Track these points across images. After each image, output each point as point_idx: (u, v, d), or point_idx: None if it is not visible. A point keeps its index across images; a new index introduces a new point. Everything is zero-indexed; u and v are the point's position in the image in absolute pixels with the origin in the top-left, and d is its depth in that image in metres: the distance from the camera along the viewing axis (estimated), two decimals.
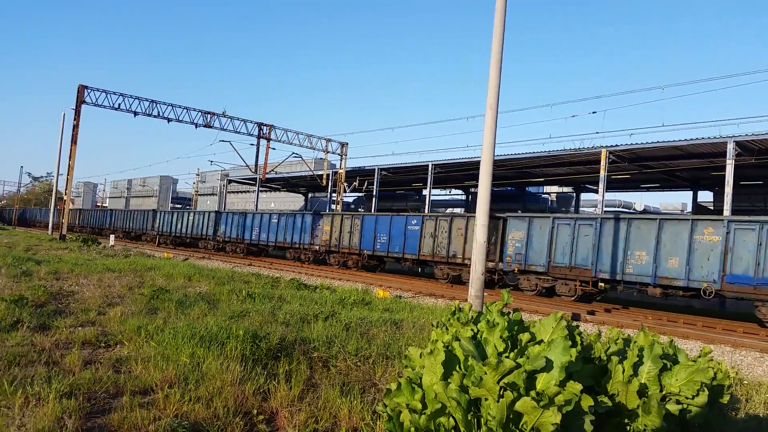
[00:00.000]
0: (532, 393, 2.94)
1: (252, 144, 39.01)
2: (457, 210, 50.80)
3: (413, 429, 3.23)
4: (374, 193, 41.07)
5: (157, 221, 46.95)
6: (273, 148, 40.37)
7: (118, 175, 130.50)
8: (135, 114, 33.99)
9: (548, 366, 3.07)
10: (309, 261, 31.83)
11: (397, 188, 52.09)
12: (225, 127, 37.32)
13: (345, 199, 51.37)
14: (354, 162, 45.44)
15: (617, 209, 54.40)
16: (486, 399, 3.05)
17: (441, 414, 3.20)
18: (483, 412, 3.08)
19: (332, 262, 29.93)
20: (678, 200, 63.13)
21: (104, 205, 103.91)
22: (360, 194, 53.36)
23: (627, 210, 57.01)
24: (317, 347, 7.52)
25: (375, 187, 40.78)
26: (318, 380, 6.26)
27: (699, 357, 3.45)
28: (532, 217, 20.89)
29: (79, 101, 32.49)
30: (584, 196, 47.34)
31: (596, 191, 34.12)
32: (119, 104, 33.65)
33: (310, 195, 61.42)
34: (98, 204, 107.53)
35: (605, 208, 33.53)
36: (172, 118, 35.40)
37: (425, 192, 38.87)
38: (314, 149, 42.51)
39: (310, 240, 31.29)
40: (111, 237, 39.56)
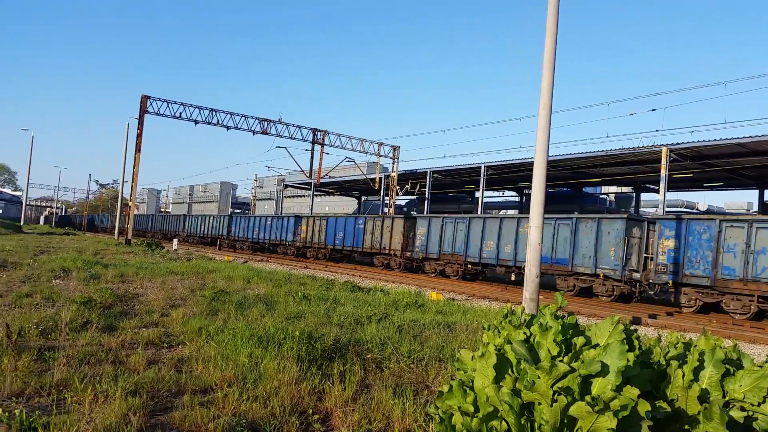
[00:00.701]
0: (587, 398, 2.88)
1: (307, 149, 39.80)
2: (511, 212, 50.08)
3: (465, 431, 3.22)
4: (426, 196, 41.03)
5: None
6: (327, 153, 41.08)
7: (181, 182, 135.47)
8: (196, 123, 35.24)
9: (604, 370, 3.00)
10: (292, 254, 39.46)
11: (449, 190, 51.84)
12: (281, 134, 38.23)
13: (398, 202, 51.55)
14: (406, 165, 45.45)
15: (679, 210, 52.33)
16: (539, 403, 3.02)
17: (493, 417, 3.18)
18: (536, 417, 3.05)
19: (309, 256, 37.34)
20: (743, 199, 60.13)
21: (168, 211, 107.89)
22: (412, 197, 53.38)
23: (690, 210, 54.76)
24: (371, 349, 7.58)
25: (427, 190, 40.75)
26: (371, 381, 6.31)
27: (765, 362, 3.30)
28: (431, 218, 27.86)
29: (142, 111, 33.92)
30: (645, 196, 45.77)
31: (657, 191, 33.01)
32: (180, 113, 34.96)
33: (363, 198, 61.92)
34: (162, 210, 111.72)
35: (667, 209, 32.33)
36: (231, 126, 36.51)
37: (478, 194, 38.53)
38: (367, 153, 42.92)
39: (293, 238, 39.66)
40: (174, 241, 41.15)
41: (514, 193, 50.15)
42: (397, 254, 30.06)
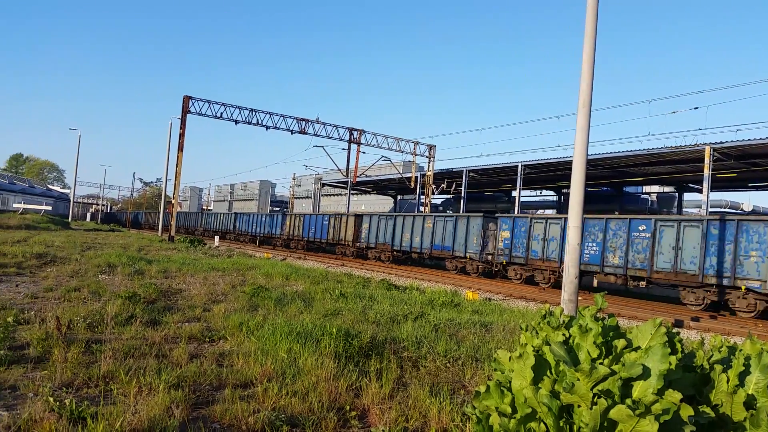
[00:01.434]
0: (628, 401, 2.85)
1: (343, 148, 40.05)
2: (549, 211, 49.35)
3: None
4: (462, 195, 40.80)
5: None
6: (363, 152, 41.26)
7: (222, 180, 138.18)
8: (236, 122, 35.88)
9: (645, 373, 2.96)
10: (279, 245, 44.95)
11: (486, 189, 51.40)
12: (318, 133, 38.59)
13: (433, 201, 51.39)
14: (442, 164, 45.50)
15: (723, 210, 50.64)
16: (578, 406, 3.00)
17: (531, 419, 3.17)
18: (575, 419, 3.02)
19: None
20: None
21: (209, 209, 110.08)
22: (448, 196, 53.13)
23: (734, 211, 52.93)
24: (407, 347, 7.61)
25: (463, 189, 40.50)
26: (408, 379, 6.33)
27: None
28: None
29: (185, 111, 34.72)
30: (688, 196, 44.40)
31: (700, 191, 32.09)
32: (221, 113, 35.65)
33: (399, 197, 61.93)
34: (204, 207, 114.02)
35: (711, 209, 31.38)
36: (270, 126, 37.03)
37: (515, 193, 38.12)
38: (402, 152, 42.94)
39: (280, 231, 45.52)
40: (216, 238, 41.96)
41: (552, 193, 49.40)
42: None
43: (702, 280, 17.58)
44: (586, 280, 20.98)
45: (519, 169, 34.63)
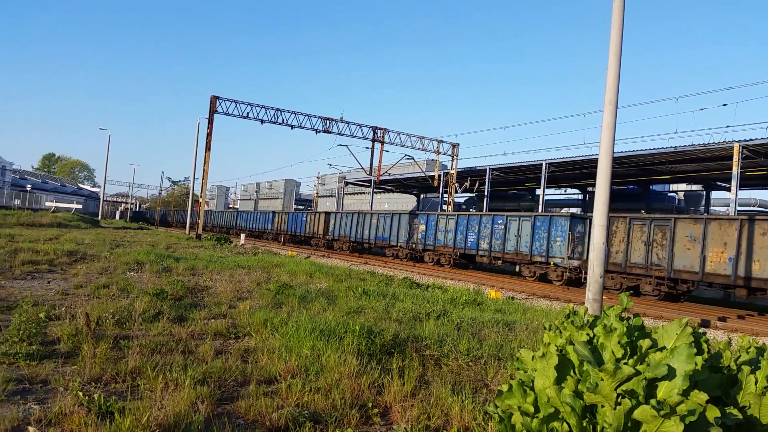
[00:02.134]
0: (652, 401, 2.82)
1: (367, 147, 40.13)
2: (573, 210, 48.78)
3: (525, 431, 3.21)
4: (485, 193, 40.56)
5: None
6: (386, 151, 41.39)
7: (248, 179, 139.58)
8: (262, 122, 36.22)
9: (670, 374, 2.92)
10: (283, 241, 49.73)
11: (509, 188, 51.01)
12: (342, 132, 38.75)
13: (456, 200, 51.21)
14: (465, 162, 45.27)
15: (753, 209, 49.45)
16: (602, 406, 2.97)
17: (554, 419, 3.15)
18: (598, 419, 3.00)
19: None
20: None
21: (235, 207, 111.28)
22: (471, 194, 52.88)
23: (765, 210, 51.65)
24: (429, 345, 7.60)
25: (486, 187, 40.28)
26: (430, 378, 6.34)
27: None
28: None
29: (212, 111, 35.14)
30: (716, 194, 43.49)
31: (728, 189, 31.46)
32: (247, 113, 36.02)
33: (422, 196, 61.84)
34: (230, 206, 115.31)
35: (739, 208, 30.68)
36: (295, 125, 37.29)
37: (539, 192, 37.75)
38: (426, 151, 42.88)
39: (271, 227, 52.89)
40: (242, 236, 42.37)
41: (577, 191, 48.83)
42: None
43: (531, 259, 25.04)
44: (470, 261, 30.86)
45: (543, 167, 34.32)
